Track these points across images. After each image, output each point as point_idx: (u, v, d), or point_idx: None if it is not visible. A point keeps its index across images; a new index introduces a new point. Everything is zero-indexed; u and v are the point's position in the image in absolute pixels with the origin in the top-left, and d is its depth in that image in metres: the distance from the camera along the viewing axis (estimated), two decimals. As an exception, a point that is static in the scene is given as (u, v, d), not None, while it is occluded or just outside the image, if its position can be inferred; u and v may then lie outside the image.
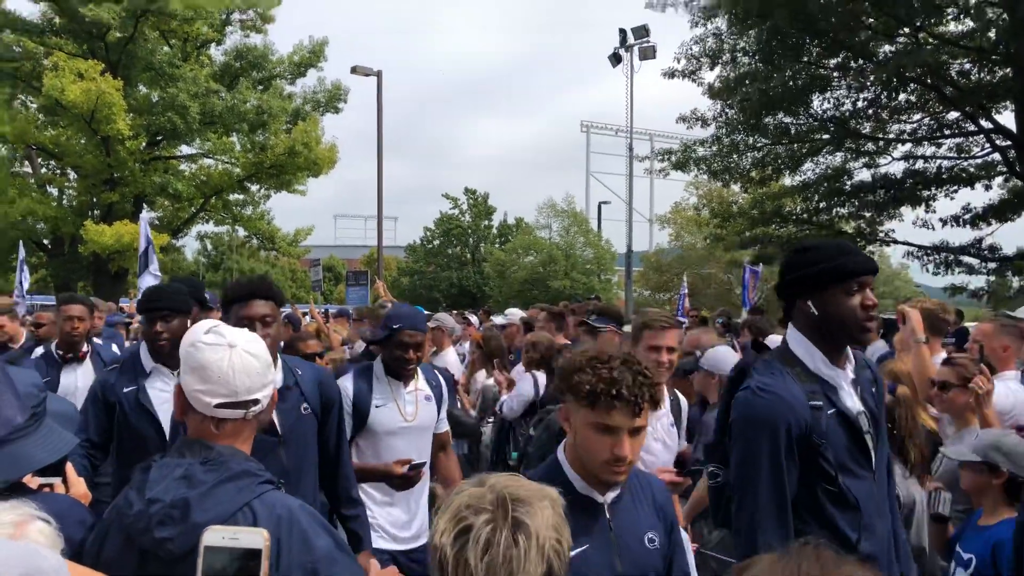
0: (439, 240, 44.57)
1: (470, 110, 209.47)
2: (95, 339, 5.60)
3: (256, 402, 1.83)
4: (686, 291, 18.13)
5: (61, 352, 4.87)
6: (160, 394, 3.51)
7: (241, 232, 32.54)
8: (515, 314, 8.49)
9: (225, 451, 1.77)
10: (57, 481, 2.16)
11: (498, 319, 10.21)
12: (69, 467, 2.21)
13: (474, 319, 11.86)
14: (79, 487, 2.20)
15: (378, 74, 22.34)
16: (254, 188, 28.78)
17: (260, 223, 29.46)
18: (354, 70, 22.44)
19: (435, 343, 7.36)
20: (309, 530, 1.74)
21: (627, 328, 6.45)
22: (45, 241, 27.82)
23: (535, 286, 37.07)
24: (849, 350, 2.44)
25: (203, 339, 1.82)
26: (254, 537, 1.54)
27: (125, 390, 3.54)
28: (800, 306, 2.39)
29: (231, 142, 26.91)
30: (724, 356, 4.34)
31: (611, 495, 2.10)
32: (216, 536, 1.53)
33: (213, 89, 25.15)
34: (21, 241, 17.87)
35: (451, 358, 7.26)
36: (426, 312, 10.36)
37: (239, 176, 27.50)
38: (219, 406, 1.78)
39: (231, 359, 1.78)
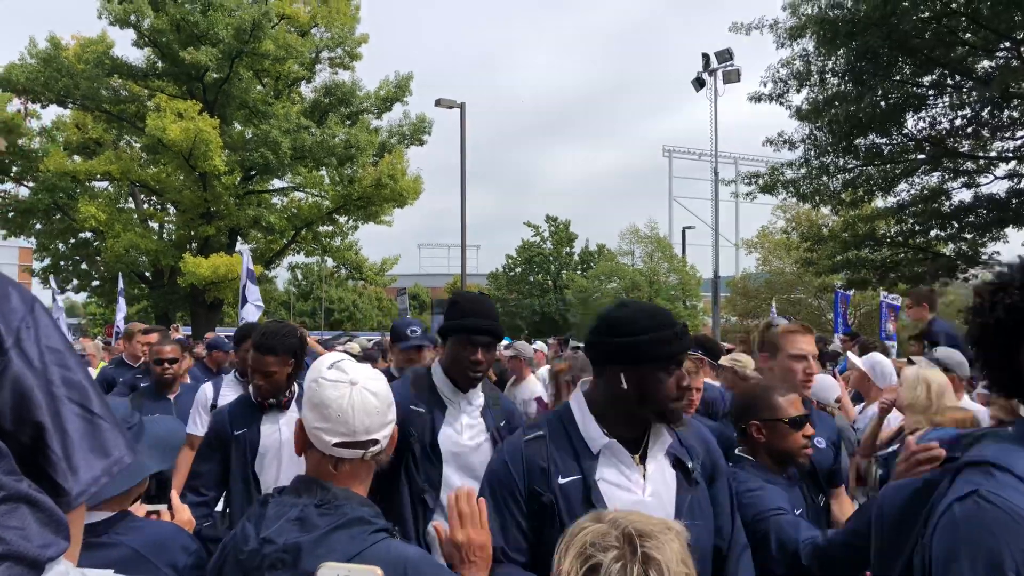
0: (521, 268, 44.86)
1: (551, 138, 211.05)
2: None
3: (375, 442, 1.77)
4: (775, 317, 17.67)
5: (260, 399, 3.99)
6: None
7: (330, 262, 33.39)
8: None
9: (341, 494, 1.73)
10: (163, 508, 2.22)
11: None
12: (174, 494, 2.26)
13: (542, 346, 11.87)
14: (183, 514, 2.26)
15: (461, 106, 22.67)
16: (342, 219, 29.58)
17: (348, 253, 30.20)
18: (438, 103, 22.85)
19: (515, 371, 7.46)
20: None
21: (724, 361, 6.24)
22: (147, 273, 29.12)
23: (618, 313, 36.72)
24: None
25: (325, 375, 1.78)
26: (367, 574, 1.53)
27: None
28: None
29: (321, 176, 27.73)
30: (825, 385, 4.17)
31: None
32: (330, 573, 1.53)
33: (303, 125, 25.99)
34: (121, 274, 18.81)
35: (536, 386, 7.25)
36: (507, 341, 10.38)
37: (328, 208, 28.30)
38: (337, 445, 1.74)
39: (351, 397, 1.73)
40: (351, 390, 1.74)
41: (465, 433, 3.13)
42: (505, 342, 11.18)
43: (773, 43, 18.05)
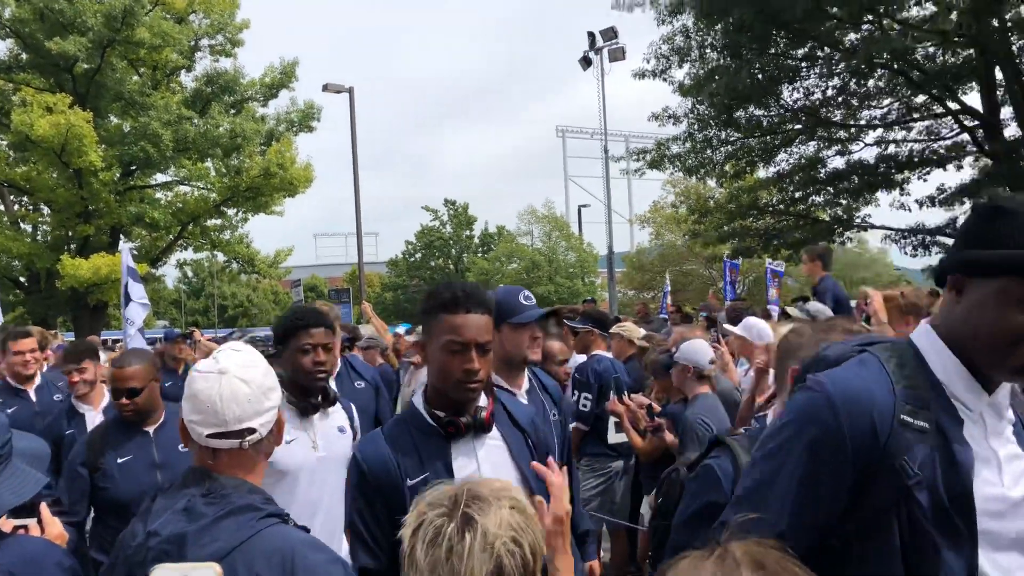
0: (421, 253, 44.62)
1: (446, 123, 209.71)
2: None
3: (251, 431, 1.74)
4: (669, 288, 18.20)
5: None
6: None
7: (220, 257, 32.35)
8: None
9: (228, 483, 1.70)
10: (32, 522, 2.13)
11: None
12: (43, 507, 2.17)
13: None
14: (54, 527, 2.17)
15: (350, 90, 22.34)
16: (231, 212, 28.61)
17: (239, 247, 29.29)
18: (325, 88, 22.44)
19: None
20: (318, 567, 1.63)
21: (614, 329, 6.48)
22: (21, 278, 27.54)
23: (519, 293, 37.04)
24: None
25: (199, 366, 1.77)
26: (205, 572, 1.52)
27: None
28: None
29: (206, 167, 26.77)
30: (698, 348, 4.33)
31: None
32: (167, 574, 1.53)
33: (185, 116, 25.02)
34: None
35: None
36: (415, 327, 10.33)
37: (215, 201, 27.36)
38: (211, 436, 1.73)
39: (220, 387, 1.71)
40: (220, 380, 1.72)
41: (1007, 472, 1.48)
42: (405, 327, 11.12)
43: (654, 20, 18.46)
